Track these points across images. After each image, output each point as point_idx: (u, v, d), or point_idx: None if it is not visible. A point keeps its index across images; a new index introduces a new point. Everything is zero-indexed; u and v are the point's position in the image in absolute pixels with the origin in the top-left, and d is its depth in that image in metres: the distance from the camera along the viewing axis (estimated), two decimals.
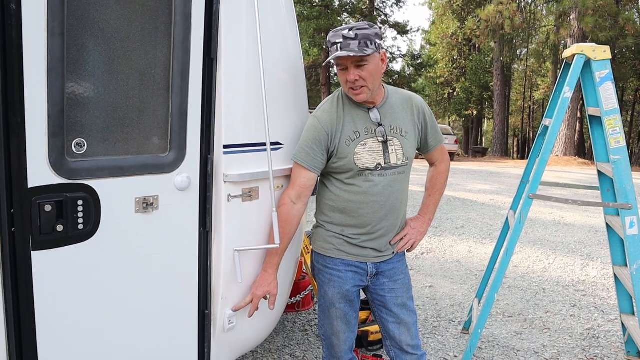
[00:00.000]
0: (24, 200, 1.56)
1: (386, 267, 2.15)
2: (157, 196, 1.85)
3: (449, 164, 2.30)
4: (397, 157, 2.03)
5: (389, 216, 2.07)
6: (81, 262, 1.70)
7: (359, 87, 1.93)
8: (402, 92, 2.13)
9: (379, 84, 1.98)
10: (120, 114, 1.75)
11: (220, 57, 1.94)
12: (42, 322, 1.65)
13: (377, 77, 1.94)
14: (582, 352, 3.32)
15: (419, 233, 2.22)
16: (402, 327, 2.16)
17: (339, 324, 2.16)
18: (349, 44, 1.86)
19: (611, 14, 17.95)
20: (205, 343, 2.10)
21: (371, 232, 2.07)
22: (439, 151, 2.24)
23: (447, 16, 30.96)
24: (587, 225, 7.21)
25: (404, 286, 2.18)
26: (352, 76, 1.90)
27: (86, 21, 1.63)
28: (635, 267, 2.66)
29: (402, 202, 2.11)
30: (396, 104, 2.07)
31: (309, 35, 23.72)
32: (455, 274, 4.94)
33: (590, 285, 4.67)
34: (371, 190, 2.01)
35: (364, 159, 1.99)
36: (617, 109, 2.66)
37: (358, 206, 2.03)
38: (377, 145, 2.00)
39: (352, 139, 1.99)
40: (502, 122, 27.50)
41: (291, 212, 2.03)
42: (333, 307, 2.14)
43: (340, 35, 1.88)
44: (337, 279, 2.11)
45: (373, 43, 1.87)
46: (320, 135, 2.00)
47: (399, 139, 2.03)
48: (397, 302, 2.16)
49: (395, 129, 2.03)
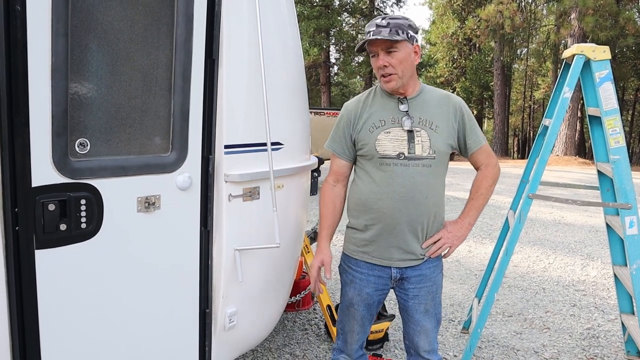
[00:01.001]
0: (27, 199, 1.57)
1: (412, 273, 2.08)
2: (158, 196, 1.87)
3: (496, 169, 2.16)
4: (423, 148, 1.99)
5: (410, 210, 1.99)
6: (84, 260, 1.72)
7: (388, 75, 1.96)
8: (440, 91, 2.13)
9: (410, 74, 1.99)
10: (122, 114, 1.77)
11: (222, 58, 1.96)
12: (45, 319, 1.67)
13: (408, 67, 1.96)
14: (582, 351, 3.33)
15: (456, 238, 2.09)
16: (421, 333, 2.15)
17: (353, 324, 2.18)
18: (380, 31, 1.91)
19: (611, 13, 17.93)
20: (206, 341, 2.12)
21: (391, 228, 2.01)
22: (482, 154, 2.12)
23: (447, 16, 30.92)
24: (587, 225, 7.22)
25: (429, 293, 2.11)
26: (381, 62, 1.94)
27: (90, 22, 1.65)
28: (635, 267, 2.67)
29: (427, 197, 2.01)
30: (430, 100, 2.06)
31: (309, 35, 23.71)
32: (455, 273, 4.96)
33: (590, 285, 4.68)
34: (392, 180, 1.98)
35: (385, 146, 1.99)
36: (616, 109, 2.67)
37: (378, 197, 2.00)
38: (401, 134, 1.99)
39: (377, 126, 2.02)
40: (503, 121, 27.49)
41: (332, 192, 2.15)
42: (352, 307, 2.16)
43: (373, 24, 1.94)
44: (359, 281, 2.11)
45: (404, 32, 1.91)
46: (343, 122, 2.11)
47: (428, 131, 2.00)
48: (419, 308, 2.12)
49: (425, 122, 2.01)
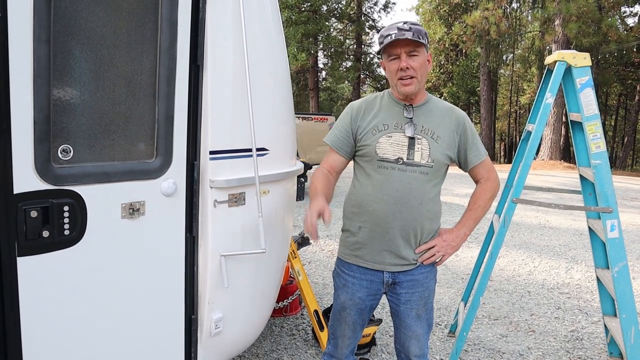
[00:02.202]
0: (9, 206, 1.56)
1: (404, 277, 2.09)
2: (143, 202, 1.86)
3: (496, 183, 2.19)
4: (422, 156, 2.01)
5: (404, 214, 2.00)
6: (67, 267, 1.71)
7: (409, 78, 1.97)
8: (446, 103, 2.16)
9: (423, 81, 2.03)
10: (106, 120, 1.76)
11: (206, 63, 1.96)
12: (27, 327, 1.65)
13: (424, 73, 2.01)
14: (566, 353, 3.37)
15: (450, 247, 2.10)
16: (412, 338, 2.15)
17: (346, 328, 2.19)
18: (404, 34, 1.92)
19: (594, 20, 18.22)
20: (192, 348, 2.11)
21: (384, 232, 2.02)
22: (483, 168, 2.16)
23: (434, 22, 31.18)
24: (571, 228, 7.30)
25: (421, 299, 2.13)
26: (404, 63, 1.95)
27: (72, 28, 1.64)
28: (616, 270, 2.71)
29: (421, 203, 2.02)
30: (435, 110, 2.09)
31: (297, 40, 23.75)
32: (442, 277, 4.98)
33: (575, 287, 4.74)
34: (388, 184, 2.00)
35: (385, 149, 2.02)
36: (597, 115, 2.72)
37: (374, 199, 2.01)
38: (402, 140, 2.02)
39: (380, 129, 2.04)
40: (489, 126, 27.73)
41: (326, 175, 2.11)
42: (344, 311, 2.17)
43: (395, 27, 1.95)
44: (351, 285, 2.12)
45: (424, 39, 1.95)
46: (346, 118, 2.13)
47: (429, 140, 2.03)
48: (410, 313, 2.13)
49: (427, 130, 2.04)
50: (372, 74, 30.71)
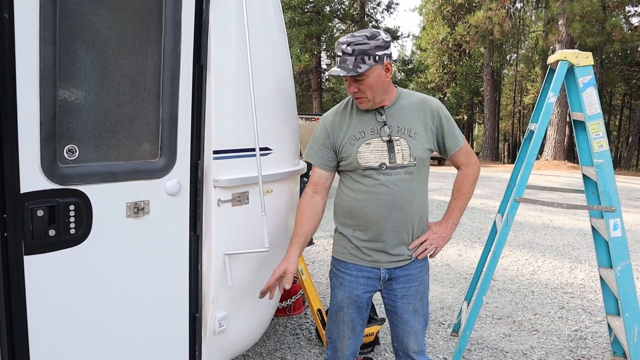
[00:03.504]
0: (16, 205, 1.58)
1: (400, 273, 2.11)
2: (148, 201, 1.88)
3: (476, 167, 2.20)
4: (404, 157, 2.01)
5: (395, 216, 2.03)
6: (73, 266, 1.73)
7: (359, 98, 1.99)
8: (417, 95, 2.13)
9: (381, 93, 1.99)
10: (111, 121, 1.78)
11: (210, 64, 1.98)
12: (34, 325, 1.67)
13: (378, 88, 1.96)
14: (569, 353, 3.36)
15: (441, 238, 2.14)
16: (410, 334, 2.16)
17: (344, 328, 2.18)
18: (345, 60, 1.89)
19: (598, 19, 18.19)
20: (196, 346, 2.12)
21: (378, 235, 2.05)
22: (462, 154, 2.16)
23: (437, 22, 31.18)
24: (575, 228, 7.29)
25: (417, 293, 2.14)
26: (352, 88, 1.96)
27: (78, 30, 1.66)
28: (619, 269, 2.71)
29: (411, 203, 2.04)
30: (407, 106, 2.07)
31: (300, 41, 23.79)
32: (445, 277, 4.99)
33: (578, 287, 4.73)
34: (376, 189, 2.01)
35: (367, 158, 2.01)
36: (600, 114, 2.72)
37: (364, 204, 2.03)
38: (381, 145, 2.01)
39: (357, 138, 2.03)
40: (493, 126, 27.71)
41: (310, 201, 2.11)
42: (341, 310, 2.16)
43: (340, 49, 1.92)
44: (348, 284, 2.12)
45: (371, 57, 1.88)
46: (322, 134, 2.10)
47: (407, 139, 2.02)
48: (407, 308, 2.14)
49: (403, 129, 2.03)
50: None
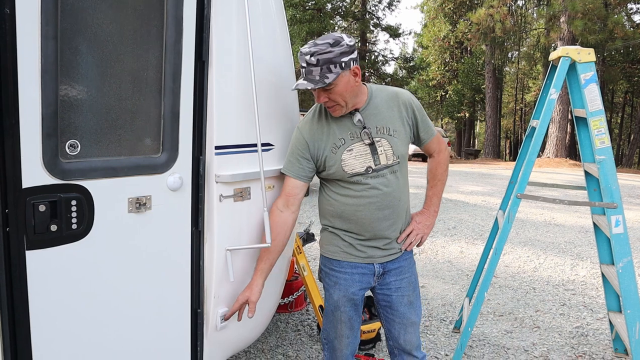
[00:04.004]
0: (18, 200, 1.58)
1: (392, 266, 2.13)
2: (149, 196, 1.88)
3: (447, 153, 2.25)
4: (387, 157, 2.00)
5: (388, 216, 2.05)
6: (75, 261, 1.73)
7: (332, 106, 1.96)
8: (388, 90, 2.10)
9: (352, 97, 1.95)
10: (113, 116, 1.78)
11: (212, 59, 1.98)
12: (36, 319, 1.67)
13: (349, 94, 1.92)
14: (571, 349, 3.37)
15: (426, 227, 2.18)
16: (408, 327, 2.16)
17: (342, 327, 2.17)
18: (311, 71, 1.85)
19: (600, 17, 18.14)
20: (197, 341, 2.13)
21: (373, 236, 2.06)
22: (434, 142, 2.18)
23: (438, 19, 31.14)
24: (577, 225, 7.28)
25: (410, 284, 2.17)
26: (321, 99, 1.93)
27: (79, 25, 1.66)
28: (621, 265, 2.71)
29: (400, 199, 2.07)
30: (381, 104, 2.04)
31: (301, 39, 23.76)
32: (447, 274, 4.99)
33: (580, 284, 4.73)
34: (366, 193, 2.00)
35: (352, 165, 1.99)
36: (601, 110, 2.72)
37: (355, 209, 2.02)
38: (364, 149, 1.99)
39: (338, 145, 2.00)
40: (494, 124, 27.68)
41: (279, 219, 2.05)
42: (338, 310, 2.15)
43: (304, 60, 1.86)
44: (343, 282, 2.12)
45: (337, 65, 1.84)
46: (301, 145, 2.04)
47: (387, 139, 2.01)
48: (403, 301, 2.15)
49: (382, 129, 2.01)
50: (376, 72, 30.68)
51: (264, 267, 2.05)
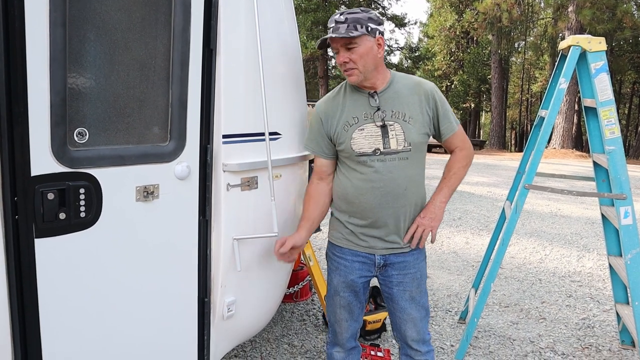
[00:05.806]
0: (27, 188, 1.58)
1: (396, 259, 2.10)
2: (157, 185, 1.88)
3: (470, 152, 2.18)
4: (398, 142, 2.00)
5: (390, 203, 2.02)
6: (83, 249, 1.73)
7: (350, 69, 1.97)
8: (412, 78, 2.10)
9: (373, 67, 1.97)
10: (121, 104, 1.78)
11: (220, 48, 1.96)
12: (44, 307, 1.68)
13: (369, 60, 1.95)
14: (577, 341, 3.36)
15: (432, 219, 2.08)
16: (408, 321, 2.15)
17: (341, 312, 2.19)
18: (338, 28, 1.92)
19: (609, 6, 17.92)
20: (204, 330, 2.14)
21: (374, 222, 2.05)
22: (456, 138, 2.13)
23: (444, 9, 30.89)
24: (583, 217, 7.26)
25: (414, 280, 2.13)
26: (342, 58, 1.96)
27: (87, 12, 1.65)
28: (629, 257, 2.69)
29: (406, 189, 2.03)
30: (402, 90, 2.04)
31: (306, 28, 23.64)
32: (452, 265, 4.99)
33: (586, 276, 4.72)
34: (370, 176, 2.00)
35: (361, 144, 2.00)
36: (612, 100, 2.69)
37: (359, 192, 2.03)
38: (375, 130, 2.00)
39: (351, 124, 2.02)
40: (500, 114, 27.50)
41: (317, 188, 2.16)
42: (337, 295, 2.17)
43: (333, 20, 1.95)
44: (344, 268, 2.13)
45: (363, 26, 1.91)
46: (316, 122, 2.11)
47: (401, 124, 2.00)
48: (404, 295, 2.13)
49: (398, 114, 2.00)
50: None
51: (306, 225, 2.15)
